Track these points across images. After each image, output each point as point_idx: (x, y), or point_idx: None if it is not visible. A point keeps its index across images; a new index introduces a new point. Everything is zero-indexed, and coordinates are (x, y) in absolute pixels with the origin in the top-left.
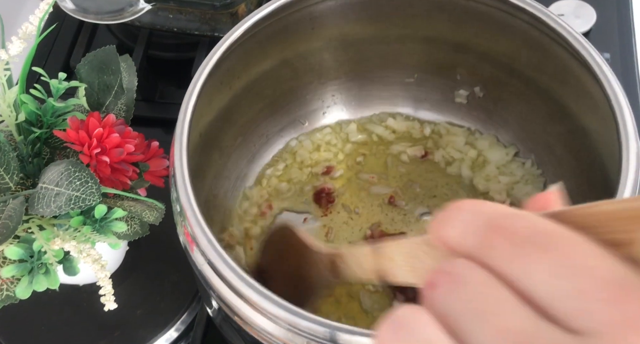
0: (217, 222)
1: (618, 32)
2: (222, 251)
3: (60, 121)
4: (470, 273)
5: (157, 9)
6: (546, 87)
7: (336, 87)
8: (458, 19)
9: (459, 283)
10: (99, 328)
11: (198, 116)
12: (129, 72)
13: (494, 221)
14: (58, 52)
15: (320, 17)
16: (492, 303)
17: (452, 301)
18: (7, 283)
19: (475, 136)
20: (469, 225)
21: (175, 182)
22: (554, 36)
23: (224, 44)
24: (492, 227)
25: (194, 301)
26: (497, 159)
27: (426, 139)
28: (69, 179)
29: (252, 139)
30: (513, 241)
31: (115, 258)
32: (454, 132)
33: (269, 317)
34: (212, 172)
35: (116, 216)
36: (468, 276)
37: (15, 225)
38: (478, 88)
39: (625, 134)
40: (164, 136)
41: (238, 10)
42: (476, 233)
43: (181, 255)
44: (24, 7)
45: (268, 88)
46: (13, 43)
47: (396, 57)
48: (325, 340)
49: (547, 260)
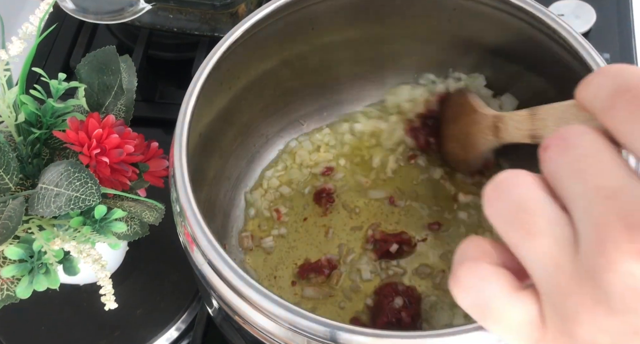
0: (217, 223)
1: (618, 32)
2: (222, 251)
3: (60, 122)
4: (582, 138)
5: (157, 9)
6: (546, 88)
7: (336, 87)
8: (458, 19)
9: (569, 146)
10: (99, 328)
11: (198, 116)
12: (129, 72)
13: (623, 86)
14: (58, 53)
15: (320, 17)
16: (594, 164)
17: (558, 162)
18: (7, 283)
19: None
20: (601, 87)
21: (175, 182)
22: (554, 36)
23: (224, 44)
24: (618, 91)
25: (194, 301)
26: None
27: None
28: (69, 180)
29: (252, 139)
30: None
31: (115, 258)
32: None
33: (270, 316)
34: (212, 172)
35: (116, 216)
36: (579, 140)
37: (15, 225)
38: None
39: None
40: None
41: (238, 10)
42: (606, 93)
43: (181, 255)
44: (24, 7)
45: (268, 88)
46: (13, 43)
47: (396, 57)
48: (326, 340)
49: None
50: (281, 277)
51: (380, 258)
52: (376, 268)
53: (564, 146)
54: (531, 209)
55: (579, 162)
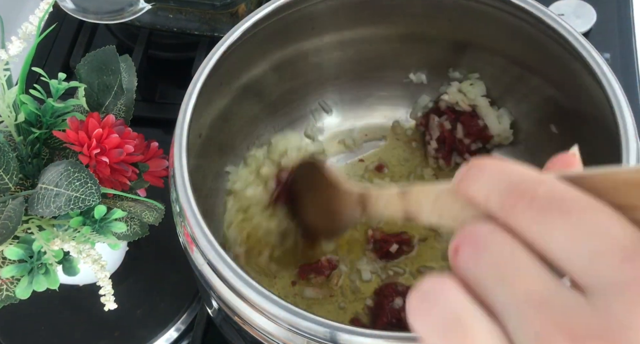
0: (217, 223)
1: (618, 32)
2: (221, 251)
3: (60, 122)
4: (492, 237)
5: (157, 9)
6: (546, 87)
7: (336, 87)
8: (458, 18)
9: (480, 247)
10: (99, 328)
11: (198, 116)
12: (129, 72)
13: (516, 184)
14: (58, 52)
15: (320, 17)
16: (513, 266)
17: (475, 266)
18: (7, 283)
19: None
20: (492, 187)
21: (174, 182)
22: (554, 36)
23: (224, 44)
24: (514, 190)
25: (194, 301)
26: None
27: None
28: (69, 180)
29: (252, 139)
30: (533, 205)
31: (115, 258)
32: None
33: (269, 317)
34: (212, 172)
35: (116, 216)
36: (490, 240)
37: (15, 225)
38: None
39: (625, 134)
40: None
41: (238, 10)
42: (499, 195)
43: (181, 255)
44: (24, 7)
45: (268, 88)
46: (13, 43)
47: (396, 57)
48: (326, 340)
49: (565, 224)
50: (281, 277)
51: (380, 258)
52: (376, 268)
53: (475, 248)
54: (467, 324)
55: (498, 266)
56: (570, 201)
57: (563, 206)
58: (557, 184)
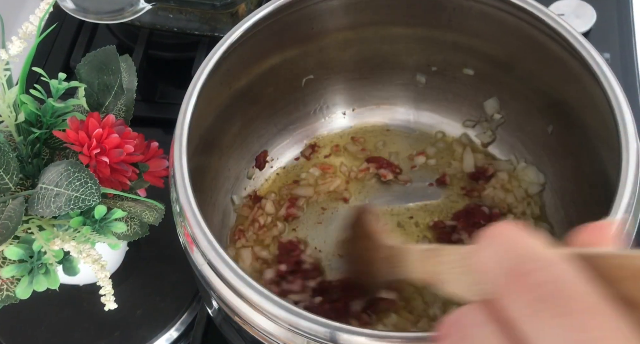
0: (217, 223)
1: (618, 32)
2: (221, 251)
3: (60, 122)
4: (479, 331)
5: (157, 9)
6: (546, 87)
7: (336, 87)
8: (458, 18)
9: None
10: (99, 328)
11: (198, 116)
12: (129, 72)
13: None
14: (58, 52)
15: (320, 17)
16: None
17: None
18: (7, 283)
19: None
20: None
21: (175, 182)
22: (554, 36)
23: (224, 44)
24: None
25: (194, 301)
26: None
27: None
28: (69, 180)
29: (252, 139)
30: (533, 295)
31: (115, 258)
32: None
33: (269, 317)
34: (212, 172)
35: (116, 216)
36: (475, 333)
37: (15, 225)
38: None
39: (625, 134)
40: (163, 136)
41: (238, 10)
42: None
43: (181, 255)
44: (24, 7)
45: (268, 88)
46: (13, 43)
47: (396, 57)
48: (326, 340)
49: (560, 325)
50: None
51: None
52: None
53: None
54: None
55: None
56: (569, 300)
57: (560, 304)
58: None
